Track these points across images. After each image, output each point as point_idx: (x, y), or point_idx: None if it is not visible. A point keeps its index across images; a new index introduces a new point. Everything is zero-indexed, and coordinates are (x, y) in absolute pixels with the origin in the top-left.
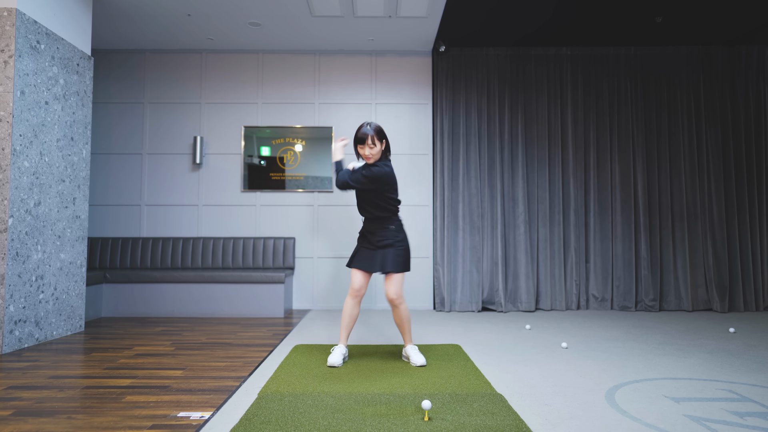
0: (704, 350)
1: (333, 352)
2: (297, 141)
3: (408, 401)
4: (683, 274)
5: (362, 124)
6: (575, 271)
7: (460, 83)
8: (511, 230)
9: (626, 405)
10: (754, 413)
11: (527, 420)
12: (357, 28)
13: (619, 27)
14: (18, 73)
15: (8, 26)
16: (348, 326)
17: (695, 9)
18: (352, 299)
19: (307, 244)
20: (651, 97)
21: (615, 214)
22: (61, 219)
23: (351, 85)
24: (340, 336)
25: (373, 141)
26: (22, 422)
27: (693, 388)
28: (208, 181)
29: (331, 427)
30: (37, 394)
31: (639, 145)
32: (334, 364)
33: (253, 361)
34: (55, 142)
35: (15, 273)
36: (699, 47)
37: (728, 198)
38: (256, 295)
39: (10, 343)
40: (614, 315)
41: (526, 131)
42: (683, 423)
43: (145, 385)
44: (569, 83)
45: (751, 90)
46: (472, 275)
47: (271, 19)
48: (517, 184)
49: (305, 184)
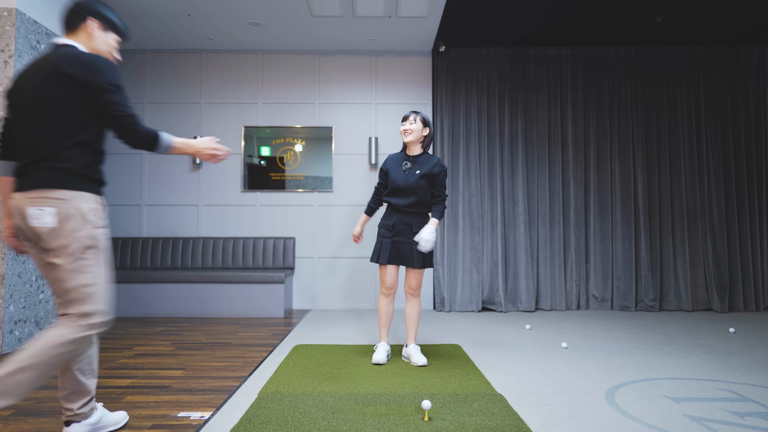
0: (704, 350)
1: (377, 350)
2: (297, 141)
3: (408, 401)
4: (683, 274)
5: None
6: (575, 271)
7: (460, 83)
8: (511, 230)
9: (626, 405)
10: (754, 413)
11: (527, 420)
12: (357, 28)
13: (619, 27)
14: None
15: (8, 26)
16: (386, 324)
17: (695, 9)
18: (386, 297)
19: (307, 244)
20: (651, 97)
21: (615, 214)
22: None
23: (351, 85)
24: (380, 334)
25: (415, 119)
26: (22, 422)
27: (693, 388)
28: (209, 181)
29: (331, 427)
30: (37, 394)
31: (639, 145)
32: (379, 362)
33: (253, 361)
34: None
35: (15, 273)
36: (699, 47)
37: (728, 198)
38: (256, 295)
39: (10, 343)
40: (614, 315)
41: (526, 131)
42: (683, 423)
43: (145, 385)
44: (569, 83)
45: (751, 90)
46: (472, 275)
47: (271, 19)
48: (517, 184)
49: (305, 184)
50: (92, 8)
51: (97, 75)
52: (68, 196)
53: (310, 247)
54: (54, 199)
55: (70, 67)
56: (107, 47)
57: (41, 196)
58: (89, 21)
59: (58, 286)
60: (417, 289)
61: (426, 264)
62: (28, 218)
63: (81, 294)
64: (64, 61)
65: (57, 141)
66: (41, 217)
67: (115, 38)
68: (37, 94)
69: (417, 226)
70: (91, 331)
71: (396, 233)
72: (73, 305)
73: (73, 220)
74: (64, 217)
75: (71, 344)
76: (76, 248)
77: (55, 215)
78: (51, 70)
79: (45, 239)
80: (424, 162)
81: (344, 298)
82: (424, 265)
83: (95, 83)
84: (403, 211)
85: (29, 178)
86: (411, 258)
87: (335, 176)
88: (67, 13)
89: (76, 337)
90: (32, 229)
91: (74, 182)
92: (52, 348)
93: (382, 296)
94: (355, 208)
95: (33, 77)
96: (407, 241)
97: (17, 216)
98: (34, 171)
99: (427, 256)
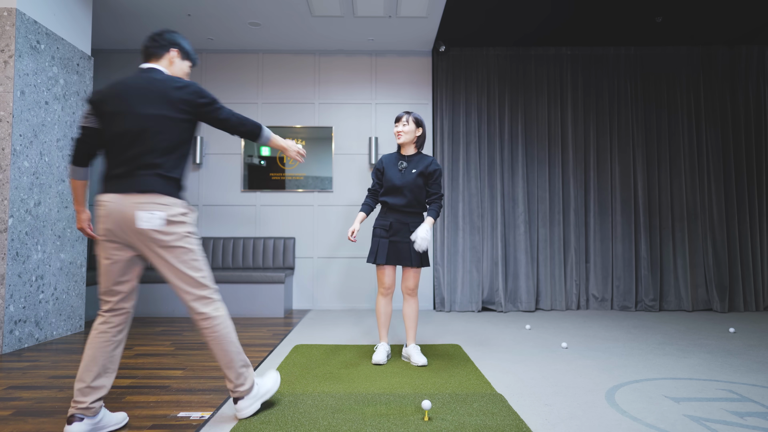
0: (704, 350)
1: (377, 350)
2: (297, 141)
3: (408, 401)
4: (683, 274)
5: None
6: (575, 271)
7: (460, 83)
8: (511, 230)
9: (626, 405)
10: (754, 413)
11: (527, 420)
12: (357, 28)
13: (619, 27)
14: (18, 73)
15: (8, 26)
16: (386, 324)
17: (695, 9)
18: (384, 297)
19: (307, 244)
20: (651, 97)
21: (615, 214)
22: (61, 219)
23: (351, 85)
24: (380, 334)
25: (408, 121)
26: (22, 422)
27: (693, 388)
28: (208, 181)
29: (331, 427)
30: (37, 394)
31: (639, 145)
32: (379, 362)
33: (253, 361)
34: (55, 142)
35: (15, 273)
36: (699, 47)
37: (728, 198)
38: (256, 295)
39: (10, 343)
40: (614, 315)
41: (526, 131)
42: (683, 423)
43: (145, 385)
44: (569, 83)
45: (751, 90)
46: (472, 275)
47: (271, 19)
48: (517, 184)
49: (305, 184)
50: (173, 39)
51: (201, 96)
52: (171, 202)
53: (310, 247)
54: (161, 204)
55: (178, 91)
56: (183, 73)
57: (151, 201)
58: (172, 51)
59: (175, 281)
60: (414, 288)
61: (423, 263)
62: (138, 221)
63: (198, 283)
64: (169, 84)
65: (163, 153)
66: (151, 220)
67: (188, 65)
68: (145, 111)
69: (414, 225)
70: (220, 310)
71: (393, 233)
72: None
73: (176, 222)
74: (170, 219)
75: (223, 320)
76: (182, 245)
77: (163, 218)
78: (159, 91)
79: (154, 240)
80: (419, 161)
81: (344, 298)
82: (421, 264)
83: (201, 102)
84: (400, 211)
85: (132, 183)
86: (409, 257)
87: (335, 176)
88: (152, 43)
89: (219, 315)
90: (138, 232)
91: (175, 189)
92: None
93: (380, 296)
94: (355, 208)
95: (134, 95)
96: (405, 240)
97: (114, 218)
98: (141, 178)
99: (424, 255)
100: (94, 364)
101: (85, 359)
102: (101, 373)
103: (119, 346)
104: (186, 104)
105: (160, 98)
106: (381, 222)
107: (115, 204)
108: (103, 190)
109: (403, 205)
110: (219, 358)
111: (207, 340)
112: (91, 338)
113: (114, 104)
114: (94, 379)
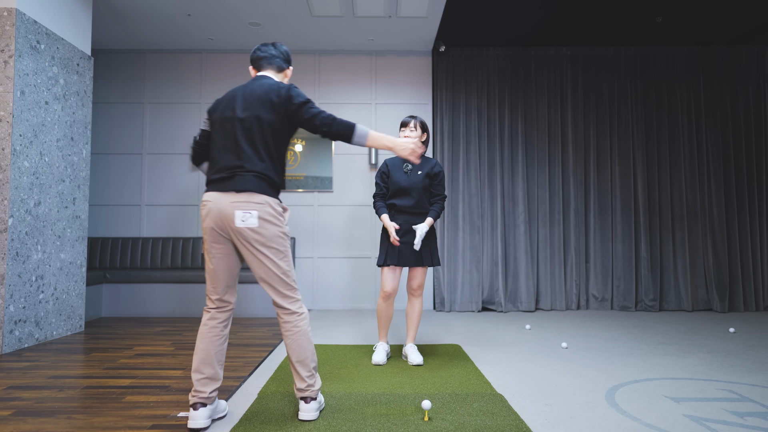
0: (704, 350)
1: (377, 350)
2: (297, 141)
3: (408, 401)
4: (683, 274)
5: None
6: (575, 271)
7: (460, 83)
8: (511, 230)
9: (626, 405)
10: (754, 413)
11: (527, 420)
12: (357, 28)
13: (619, 27)
14: (18, 73)
15: (8, 26)
16: (386, 325)
17: (695, 9)
18: (385, 301)
19: (307, 244)
20: (651, 97)
21: (615, 214)
22: (61, 219)
23: (351, 85)
24: (379, 334)
25: (415, 126)
26: (22, 422)
27: (693, 388)
28: None
29: (331, 427)
30: (37, 394)
31: (639, 146)
32: (379, 362)
33: (253, 361)
34: (55, 142)
35: (15, 273)
36: (699, 47)
37: (728, 198)
38: (256, 294)
39: (10, 343)
40: (614, 315)
41: (526, 131)
42: (683, 423)
43: (145, 385)
44: (569, 83)
45: (751, 90)
46: (472, 275)
47: (271, 19)
48: (517, 185)
49: (305, 184)
50: (290, 58)
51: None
52: (267, 201)
53: (310, 247)
54: (257, 203)
55: (278, 97)
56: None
57: (247, 200)
58: (290, 69)
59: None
60: (420, 288)
61: (434, 262)
62: (235, 219)
63: (285, 282)
64: (271, 92)
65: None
66: (248, 219)
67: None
68: (242, 114)
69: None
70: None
71: (402, 234)
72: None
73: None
74: (265, 218)
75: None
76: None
77: (259, 217)
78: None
79: (249, 238)
80: (424, 163)
81: (344, 298)
82: (432, 263)
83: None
84: (409, 212)
85: (230, 182)
86: (420, 257)
87: (335, 176)
88: (279, 58)
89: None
90: (236, 229)
91: (271, 189)
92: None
93: (382, 300)
94: (355, 208)
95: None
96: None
97: (213, 216)
98: (238, 177)
99: (435, 253)
100: (209, 358)
101: (200, 354)
102: (216, 366)
103: (227, 341)
104: (281, 106)
105: (260, 102)
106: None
107: (215, 203)
108: (207, 190)
109: (411, 206)
110: (295, 354)
111: (286, 335)
112: (203, 334)
113: (220, 109)
114: (212, 371)
